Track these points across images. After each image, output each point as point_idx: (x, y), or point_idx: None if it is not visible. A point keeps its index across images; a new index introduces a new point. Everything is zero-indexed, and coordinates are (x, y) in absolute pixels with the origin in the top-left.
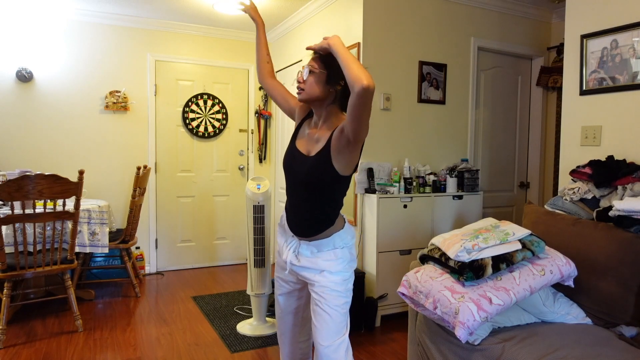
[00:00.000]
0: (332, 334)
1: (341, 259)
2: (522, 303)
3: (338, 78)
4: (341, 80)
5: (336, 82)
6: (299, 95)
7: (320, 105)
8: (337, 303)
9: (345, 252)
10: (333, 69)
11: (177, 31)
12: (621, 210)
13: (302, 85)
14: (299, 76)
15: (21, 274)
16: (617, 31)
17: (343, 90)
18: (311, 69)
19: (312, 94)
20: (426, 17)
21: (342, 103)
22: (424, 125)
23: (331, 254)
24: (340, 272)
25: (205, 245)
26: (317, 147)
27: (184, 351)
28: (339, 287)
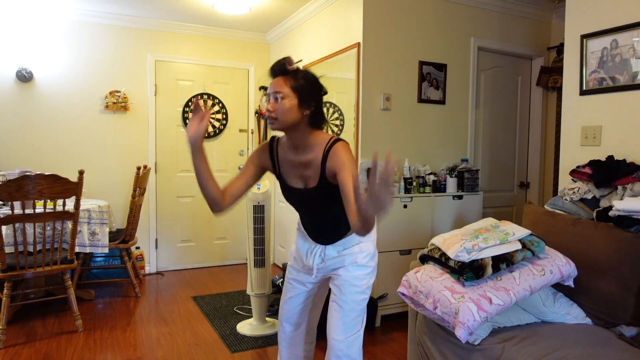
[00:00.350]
0: (346, 329)
1: (365, 251)
2: (522, 303)
3: (310, 100)
4: (312, 102)
5: (309, 105)
6: (273, 125)
7: (295, 129)
8: (354, 299)
9: (369, 245)
10: (303, 92)
11: (177, 31)
12: (621, 210)
13: (274, 114)
14: (267, 105)
15: (21, 274)
16: (617, 31)
17: (315, 111)
18: (281, 95)
19: (286, 121)
20: (426, 17)
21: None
22: (424, 125)
23: (356, 247)
24: (363, 267)
25: (205, 245)
26: (312, 174)
27: (184, 351)
28: (359, 281)
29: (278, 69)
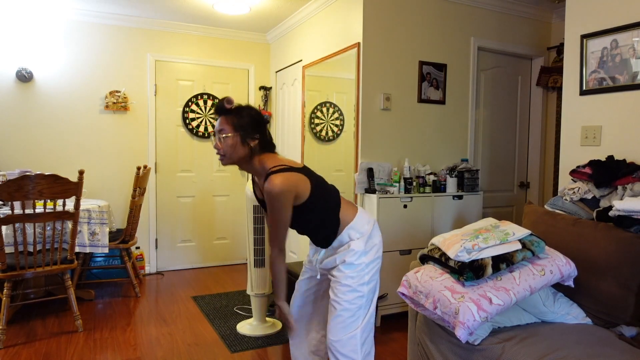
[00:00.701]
0: (340, 328)
1: (354, 249)
2: (522, 303)
3: (252, 134)
4: (256, 135)
5: (252, 139)
6: (222, 161)
7: (246, 162)
8: (346, 298)
9: (360, 243)
10: (244, 127)
11: (177, 31)
12: (621, 210)
13: (221, 152)
14: (214, 144)
15: (21, 274)
16: (617, 31)
17: (261, 141)
18: (224, 135)
19: (233, 157)
20: (426, 17)
21: (261, 149)
22: (424, 125)
23: (344, 247)
24: (352, 265)
25: (205, 245)
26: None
27: (184, 351)
28: (349, 280)
29: (219, 109)
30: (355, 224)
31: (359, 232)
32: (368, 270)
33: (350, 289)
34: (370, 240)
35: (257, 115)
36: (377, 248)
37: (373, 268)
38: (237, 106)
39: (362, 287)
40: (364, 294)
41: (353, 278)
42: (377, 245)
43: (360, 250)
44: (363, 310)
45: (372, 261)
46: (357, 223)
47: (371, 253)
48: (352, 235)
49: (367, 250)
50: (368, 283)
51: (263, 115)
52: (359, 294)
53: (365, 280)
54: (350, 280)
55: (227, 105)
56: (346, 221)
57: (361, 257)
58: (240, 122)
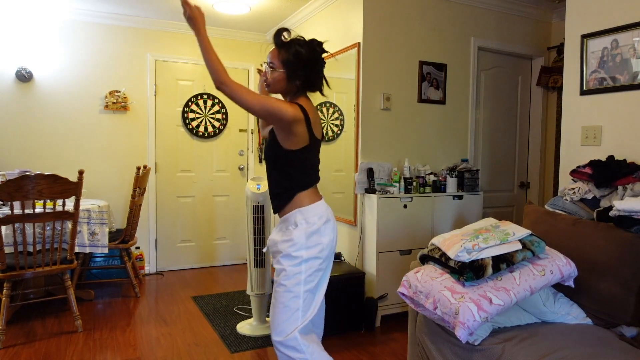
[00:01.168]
0: (279, 328)
1: (292, 240)
2: (522, 303)
3: (297, 76)
4: (302, 75)
5: (297, 78)
6: (267, 89)
7: (287, 94)
8: (282, 300)
9: (301, 232)
10: (291, 68)
11: (177, 31)
12: (621, 210)
13: (268, 81)
14: (264, 70)
15: (21, 274)
16: (618, 31)
17: (305, 83)
18: (271, 65)
19: (276, 89)
20: (426, 17)
21: (306, 88)
22: (424, 125)
23: (288, 231)
24: (290, 257)
25: (205, 245)
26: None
27: (184, 351)
28: (284, 279)
29: (275, 39)
30: (307, 210)
31: (306, 220)
32: (306, 268)
33: (285, 289)
34: (315, 236)
35: (308, 55)
36: (323, 248)
37: (311, 267)
38: (291, 39)
39: (297, 287)
40: (299, 295)
41: (288, 276)
42: (322, 245)
43: (300, 243)
44: (301, 312)
45: (312, 258)
46: (309, 211)
47: (313, 250)
48: (297, 220)
49: (310, 245)
50: (305, 283)
51: (320, 55)
52: (293, 295)
53: (301, 280)
54: (285, 278)
55: (285, 37)
56: (300, 202)
57: (300, 250)
58: (289, 60)
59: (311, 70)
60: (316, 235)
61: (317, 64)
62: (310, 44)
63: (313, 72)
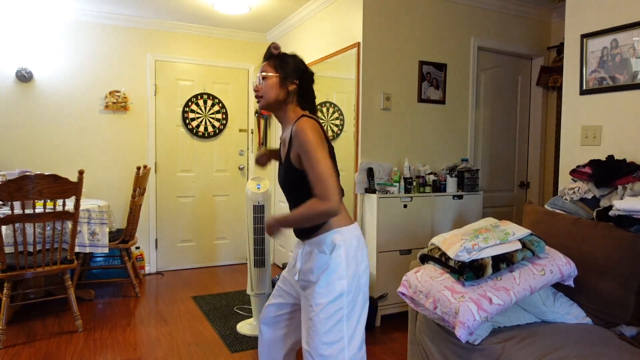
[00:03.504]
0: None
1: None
2: (522, 303)
3: (291, 77)
4: (295, 80)
5: (290, 82)
6: (259, 104)
7: (280, 107)
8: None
9: (341, 254)
10: (284, 69)
11: (177, 31)
12: (621, 210)
13: (259, 93)
14: (254, 86)
15: (21, 274)
16: (617, 31)
17: (299, 88)
18: (264, 75)
19: (269, 98)
20: (426, 17)
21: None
22: (424, 125)
23: (321, 256)
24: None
25: (205, 245)
26: (284, 152)
27: (184, 351)
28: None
29: (266, 55)
30: (346, 230)
31: (345, 242)
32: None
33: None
34: (354, 262)
35: (301, 64)
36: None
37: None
38: (282, 53)
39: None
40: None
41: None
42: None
43: (340, 270)
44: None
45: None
46: (349, 231)
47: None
48: (336, 241)
49: (350, 274)
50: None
51: (308, 68)
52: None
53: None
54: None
55: (274, 50)
56: (336, 223)
57: (341, 279)
58: (281, 65)
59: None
60: (354, 262)
61: (306, 74)
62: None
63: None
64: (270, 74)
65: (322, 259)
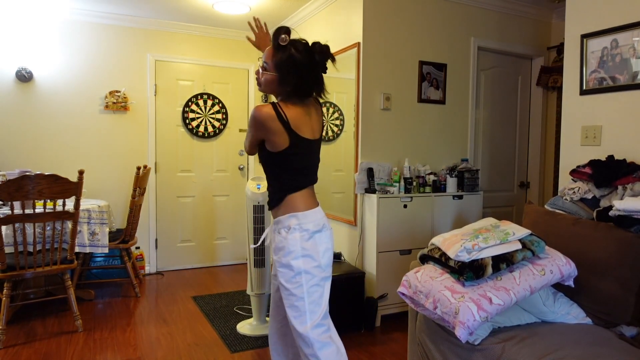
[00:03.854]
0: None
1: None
2: (522, 303)
3: (288, 82)
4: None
5: (287, 84)
6: (259, 88)
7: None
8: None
9: (295, 239)
10: (283, 72)
11: (177, 31)
12: (621, 210)
13: (260, 80)
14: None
15: (21, 274)
16: (617, 31)
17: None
18: (264, 66)
19: (267, 90)
20: (426, 17)
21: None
22: (424, 125)
23: (281, 236)
24: (288, 268)
25: (205, 245)
26: None
27: (184, 351)
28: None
29: (273, 39)
30: (303, 216)
31: (300, 227)
32: (306, 280)
33: (288, 293)
34: (310, 242)
35: (303, 60)
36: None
37: (311, 280)
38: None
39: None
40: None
41: (288, 282)
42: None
43: (295, 251)
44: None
45: (310, 270)
46: (305, 217)
47: (309, 260)
48: (292, 224)
49: (305, 254)
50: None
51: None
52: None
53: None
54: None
55: (282, 42)
56: (294, 206)
57: (297, 259)
58: (282, 64)
59: (305, 76)
60: (311, 242)
61: (312, 70)
62: (309, 49)
63: (307, 78)
64: (271, 69)
65: (280, 240)
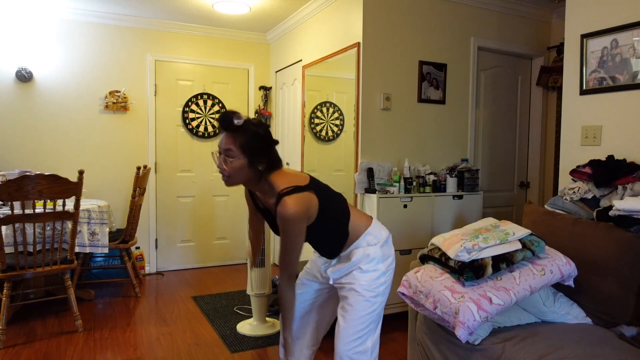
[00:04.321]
0: (352, 340)
1: (369, 255)
2: (522, 303)
3: (261, 156)
4: (264, 157)
5: (260, 162)
6: (226, 183)
7: (253, 184)
8: (360, 310)
9: (377, 249)
10: (253, 150)
11: (177, 31)
12: (621, 210)
13: (226, 172)
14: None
15: (21, 274)
16: (617, 31)
17: (269, 162)
18: (228, 154)
19: (238, 180)
20: (426, 17)
21: (270, 169)
22: (424, 125)
23: (360, 251)
24: (369, 272)
25: (205, 245)
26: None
27: (184, 351)
28: (364, 291)
29: (225, 124)
30: (373, 230)
31: (376, 237)
32: (384, 280)
33: (364, 299)
34: (387, 247)
35: (266, 135)
36: (393, 259)
37: (388, 278)
38: (245, 122)
39: (375, 298)
40: (376, 307)
41: (368, 289)
42: (392, 256)
43: (377, 257)
44: (374, 324)
45: (388, 270)
46: (375, 229)
47: (388, 261)
48: (369, 241)
49: (385, 257)
50: (382, 295)
51: (270, 133)
52: (372, 306)
53: (380, 292)
54: (364, 290)
55: (237, 122)
56: (361, 229)
57: (378, 264)
58: (248, 144)
59: (273, 147)
60: (387, 247)
61: (273, 142)
62: (262, 122)
63: (273, 149)
64: (237, 155)
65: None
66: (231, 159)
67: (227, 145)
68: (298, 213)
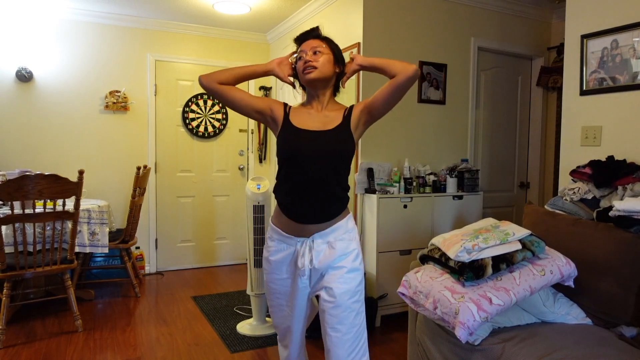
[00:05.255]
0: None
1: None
2: (522, 303)
3: (341, 60)
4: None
5: (341, 63)
6: (311, 74)
7: (324, 86)
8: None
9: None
10: (337, 51)
11: (177, 31)
12: (621, 210)
13: (315, 64)
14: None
15: (21, 274)
16: (618, 31)
17: (340, 74)
18: (320, 50)
19: (324, 72)
20: (426, 17)
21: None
22: (424, 125)
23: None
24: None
25: (205, 245)
26: (334, 123)
27: (184, 351)
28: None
29: (313, 34)
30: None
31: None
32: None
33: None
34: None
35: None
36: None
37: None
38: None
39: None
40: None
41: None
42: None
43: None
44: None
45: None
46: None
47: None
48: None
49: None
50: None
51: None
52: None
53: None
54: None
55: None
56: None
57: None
58: (333, 47)
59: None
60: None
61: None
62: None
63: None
64: (326, 51)
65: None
66: (321, 52)
67: (317, 44)
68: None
